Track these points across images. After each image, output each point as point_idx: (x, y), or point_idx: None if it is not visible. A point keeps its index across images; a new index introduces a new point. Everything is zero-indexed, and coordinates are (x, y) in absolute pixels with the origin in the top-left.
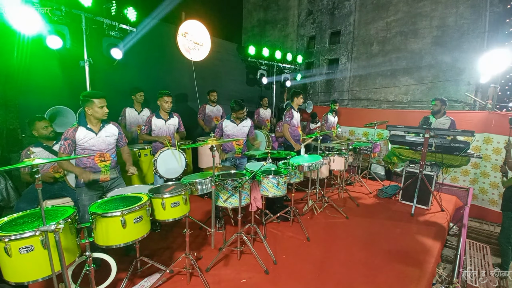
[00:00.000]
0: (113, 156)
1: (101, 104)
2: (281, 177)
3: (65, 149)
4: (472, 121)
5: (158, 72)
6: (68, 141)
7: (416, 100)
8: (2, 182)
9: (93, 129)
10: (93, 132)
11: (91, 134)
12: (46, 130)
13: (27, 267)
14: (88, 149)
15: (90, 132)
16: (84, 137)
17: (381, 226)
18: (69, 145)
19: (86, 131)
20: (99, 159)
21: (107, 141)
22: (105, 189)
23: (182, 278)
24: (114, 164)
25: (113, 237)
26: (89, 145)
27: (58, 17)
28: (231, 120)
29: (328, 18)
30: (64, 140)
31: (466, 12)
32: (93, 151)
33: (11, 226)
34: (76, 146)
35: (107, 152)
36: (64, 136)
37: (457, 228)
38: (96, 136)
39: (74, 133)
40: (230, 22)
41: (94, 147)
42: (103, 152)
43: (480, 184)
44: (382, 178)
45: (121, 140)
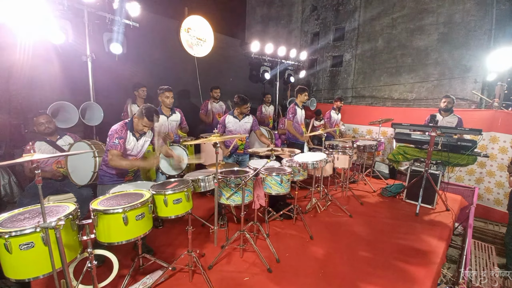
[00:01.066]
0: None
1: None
2: (285, 175)
3: (120, 147)
4: (478, 119)
5: (161, 68)
6: (122, 140)
7: (422, 98)
8: (5, 178)
9: (136, 135)
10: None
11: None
12: (43, 125)
13: (27, 264)
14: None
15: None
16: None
17: (385, 225)
18: (123, 144)
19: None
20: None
21: (143, 149)
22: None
23: (185, 276)
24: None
25: (115, 234)
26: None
27: (61, 12)
28: (234, 116)
29: (333, 14)
30: (117, 139)
31: (472, 9)
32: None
33: (11, 222)
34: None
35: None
36: (119, 135)
37: (462, 228)
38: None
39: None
40: (233, 18)
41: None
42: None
43: (485, 184)
44: (386, 176)
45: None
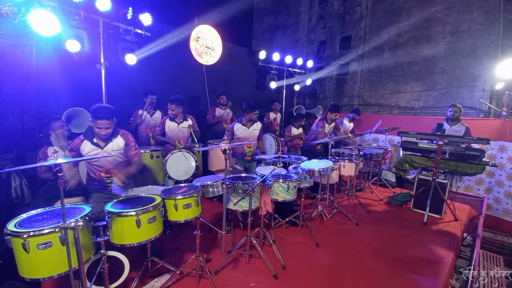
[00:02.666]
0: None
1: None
2: (292, 182)
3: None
4: (486, 128)
5: (170, 76)
6: (73, 153)
7: (429, 106)
8: (17, 180)
9: (99, 143)
10: (99, 147)
11: (97, 149)
12: (63, 129)
13: (44, 263)
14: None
15: (95, 147)
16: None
17: (392, 234)
18: (73, 157)
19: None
20: (105, 175)
21: (112, 158)
22: (114, 197)
23: (192, 280)
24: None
25: (128, 236)
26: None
27: (77, 22)
28: (242, 123)
29: (339, 23)
30: (69, 152)
31: (479, 18)
32: (100, 166)
33: (29, 222)
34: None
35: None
36: (70, 147)
37: (471, 238)
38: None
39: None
40: (241, 27)
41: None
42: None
43: (494, 194)
44: (393, 185)
45: (129, 151)
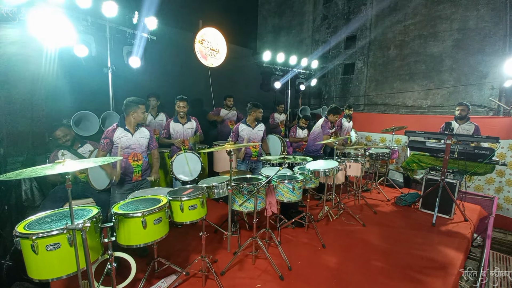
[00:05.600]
0: (144, 157)
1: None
2: (297, 182)
3: (104, 147)
4: (496, 127)
5: (176, 78)
6: (107, 140)
7: (437, 105)
8: (27, 183)
9: (130, 130)
10: (130, 132)
11: (128, 134)
12: (61, 139)
13: (52, 264)
14: (125, 148)
15: (127, 133)
16: (121, 136)
17: (400, 235)
18: (107, 144)
19: (124, 131)
20: (132, 158)
21: (140, 142)
22: (135, 189)
23: (198, 281)
24: (146, 165)
25: (134, 237)
26: (125, 144)
27: (85, 27)
28: (247, 124)
29: (344, 22)
30: (103, 139)
31: (486, 15)
32: (129, 150)
33: (38, 224)
34: (113, 145)
35: (140, 153)
36: (104, 135)
37: (481, 239)
38: (132, 137)
39: (113, 133)
40: (245, 29)
41: (129, 147)
42: (137, 152)
43: (504, 193)
44: (400, 185)
45: (151, 143)
